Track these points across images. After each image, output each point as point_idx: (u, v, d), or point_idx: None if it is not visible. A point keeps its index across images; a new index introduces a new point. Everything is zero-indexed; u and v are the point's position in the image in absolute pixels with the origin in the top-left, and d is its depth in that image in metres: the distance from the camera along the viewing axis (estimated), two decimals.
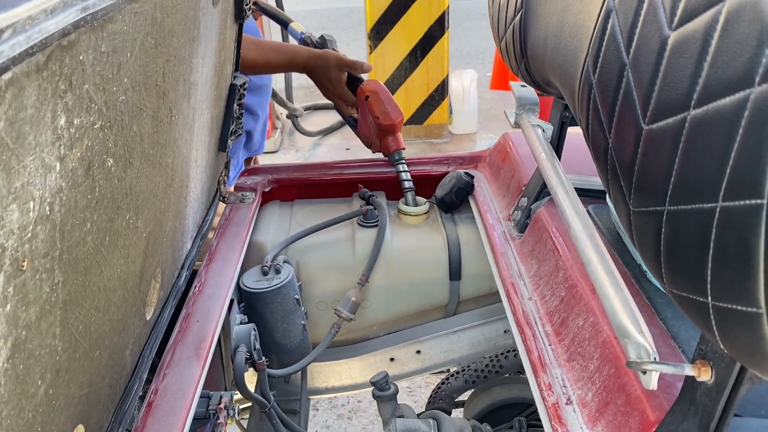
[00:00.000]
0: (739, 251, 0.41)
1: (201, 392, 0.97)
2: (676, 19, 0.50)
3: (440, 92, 4.34)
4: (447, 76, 4.31)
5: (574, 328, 0.96)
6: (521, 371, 1.44)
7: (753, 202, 0.39)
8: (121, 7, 0.62)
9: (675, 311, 0.92)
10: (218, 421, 0.99)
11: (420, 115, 4.41)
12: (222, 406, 1.00)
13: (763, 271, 0.40)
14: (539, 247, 1.16)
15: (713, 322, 0.47)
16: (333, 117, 4.88)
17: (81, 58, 0.54)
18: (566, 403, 0.88)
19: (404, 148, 1.54)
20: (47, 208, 0.51)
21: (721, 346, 0.48)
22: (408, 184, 1.50)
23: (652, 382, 0.65)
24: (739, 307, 0.42)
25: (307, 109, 4.95)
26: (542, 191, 1.24)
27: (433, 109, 4.39)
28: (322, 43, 1.70)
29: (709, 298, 0.46)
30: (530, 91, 1.29)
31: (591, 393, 0.87)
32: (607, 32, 0.65)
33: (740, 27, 0.42)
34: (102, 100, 0.61)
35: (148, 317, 0.95)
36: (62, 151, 0.53)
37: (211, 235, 1.38)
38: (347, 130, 4.73)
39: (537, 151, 1.13)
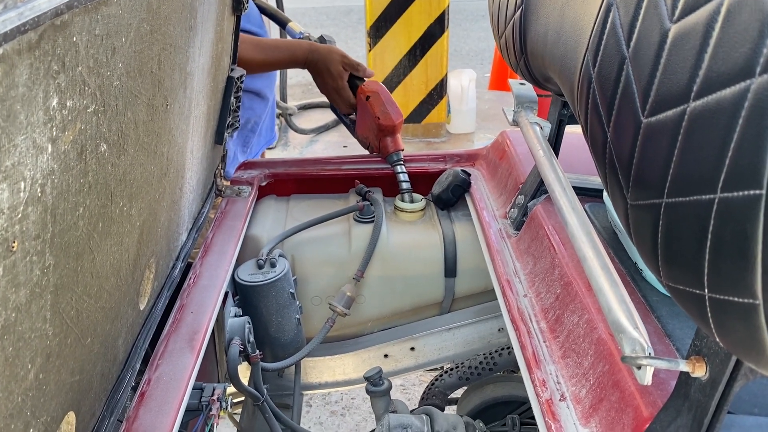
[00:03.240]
0: (737, 242, 0.41)
1: (194, 384, 0.96)
2: (677, 12, 0.50)
3: (439, 91, 4.34)
4: (446, 75, 4.31)
5: (569, 325, 0.96)
6: (515, 369, 1.44)
7: (752, 192, 0.39)
8: None
9: (670, 310, 0.92)
10: (211, 413, 0.99)
11: (418, 114, 4.41)
12: (215, 397, 0.99)
13: (760, 262, 0.39)
14: (535, 244, 1.16)
15: (709, 315, 0.46)
16: (329, 115, 4.87)
17: (74, 39, 0.54)
18: (560, 400, 0.88)
19: (403, 149, 1.54)
20: (38, 190, 0.51)
21: (717, 339, 0.48)
22: (406, 185, 1.50)
23: (646, 377, 0.64)
24: (736, 299, 0.42)
25: (303, 107, 4.94)
26: (539, 189, 1.24)
27: (432, 108, 4.38)
28: (321, 42, 1.69)
29: (706, 290, 0.45)
30: (529, 89, 1.29)
31: (585, 390, 0.86)
32: (608, 26, 0.64)
33: (741, 18, 0.41)
34: (96, 84, 0.60)
35: (142, 307, 0.95)
36: (54, 133, 0.52)
37: (206, 228, 1.38)
38: (342, 127, 4.72)
39: (535, 148, 1.13)
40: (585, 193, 1.20)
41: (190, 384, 0.93)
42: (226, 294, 1.21)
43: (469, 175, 1.49)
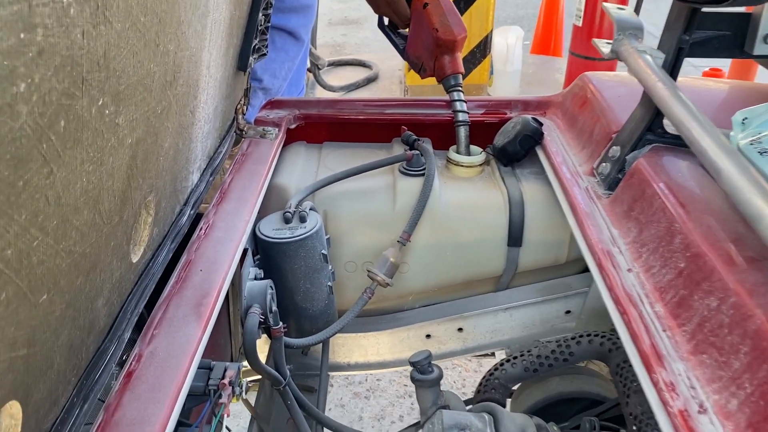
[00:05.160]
0: None
1: (200, 361, 0.73)
2: None
3: (482, 49, 3.98)
4: (491, 32, 3.95)
5: (702, 311, 0.71)
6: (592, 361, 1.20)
7: None
8: None
9: None
10: (220, 400, 0.76)
11: None
12: (226, 381, 0.76)
13: None
14: (640, 206, 0.91)
15: None
16: (359, 73, 4.59)
17: None
18: (699, 412, 0.63)
19: (462, 73, 1.27)
20: None
21: None
22: (462, 117, 1.24)
23: None
24: None
25: (332, 64, 4.66)
26: (642, 138, 0.98)
27: (473, 68, 4.03)
28: None
29: None
30: (631, 14, 1.04)
31: (737, 400, 0.62)
32: None
33: None
34: None
35: (135, 259, 0.72)
36: None
37: (223, 173, 1.14)
38: (374, 87, 4.44)
39: (650, 80, 0.87)
40: None
41: (194, 362, 0.71)
42: (245, 251, 0.97)
43: (540, 124, 1.24)
